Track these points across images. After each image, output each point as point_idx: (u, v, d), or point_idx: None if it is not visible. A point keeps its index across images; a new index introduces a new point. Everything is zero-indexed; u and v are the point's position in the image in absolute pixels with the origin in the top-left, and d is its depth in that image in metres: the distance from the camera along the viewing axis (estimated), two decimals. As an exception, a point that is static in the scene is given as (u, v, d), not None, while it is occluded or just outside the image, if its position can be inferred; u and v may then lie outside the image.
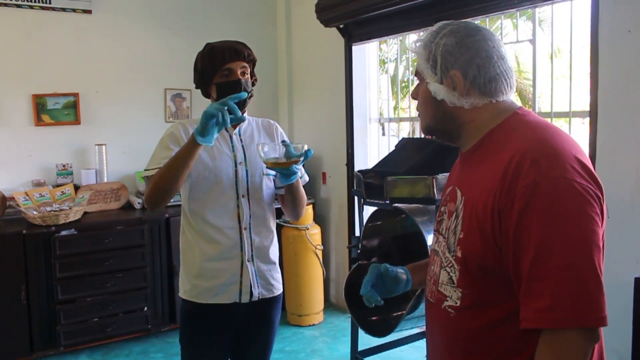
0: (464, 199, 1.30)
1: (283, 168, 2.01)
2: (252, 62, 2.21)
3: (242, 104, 2.17)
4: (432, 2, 3.62)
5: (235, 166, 2.17)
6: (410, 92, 1.50)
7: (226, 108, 1.91)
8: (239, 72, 2.14)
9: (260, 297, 2.21)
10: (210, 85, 2.18)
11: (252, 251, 2.18)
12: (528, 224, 1.13)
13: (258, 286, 2.20)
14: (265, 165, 2.06)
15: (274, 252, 2.29)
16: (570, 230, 1.11)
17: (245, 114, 2.26)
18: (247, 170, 2.18)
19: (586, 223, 1.12)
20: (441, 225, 1.39)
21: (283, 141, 2.12)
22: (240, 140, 2.23)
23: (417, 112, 1.45)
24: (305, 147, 2.00)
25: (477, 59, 1.29)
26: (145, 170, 2.17)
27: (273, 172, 2.16)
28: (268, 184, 2.24)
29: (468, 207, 1.27)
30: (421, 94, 1.40)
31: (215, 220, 2.14)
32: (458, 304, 1.29)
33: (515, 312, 1.17)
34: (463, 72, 1.30)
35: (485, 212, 1.21)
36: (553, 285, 1.10)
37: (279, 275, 2.31)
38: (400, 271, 1.58)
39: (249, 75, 2.20)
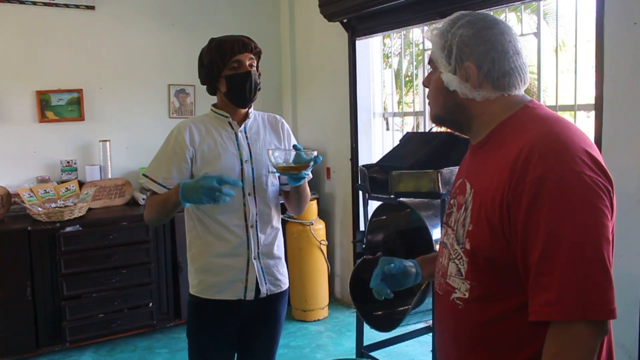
0: (473, 192, 1.30)
1: (293, 173, 2.05)
2: (258, 54, 2.21)
3: (250, 97, 2.17)
4: (435, -4, 3.61)
5: (241, 164, 2.16)
6: (422, 80, 1.49)
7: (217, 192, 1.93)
8: (247, 64, 2.14)
9: (268, 293, 2.21)
10: (219, 79, 2.16)
11: (258, 249, 2.18)
12: (536, 217, 1.13)
13: (266, 282, 2.20)
14: (271, 164, 2.08)
15: (279, 247, 2.29)
16: (579, 223, 1.11)
17: (252, 110, 2.26)
18: (252, 169, 2.17)
19: (595, 216, 1.12)
20: (450, 218, 1.39)
21: (294, 146, 2.12)
22: (246, 137, 2.21)
23: (427, 100, 1.44)
24: (315, 153, 2.05)
25: (493, 53, 1.29)
26: (145, 175, 2.19)
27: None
28: (273, 182, 2.24)
29: (477, 200, 1.27)
30: (433, 83, 1.39)
31: (222, 218, 2.14)
32: (466, 296, 1.29)
33: (524, 304, 1.17)
34: (477, 64, 1.29)
35: (494, 205, 1.20)
36: (561, 279, 1.09)
37: (285, 270, 2.32)
38: (410, 264, 1.58)
39: (256, 68, 2.20)
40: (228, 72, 2.13)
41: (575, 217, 1.11)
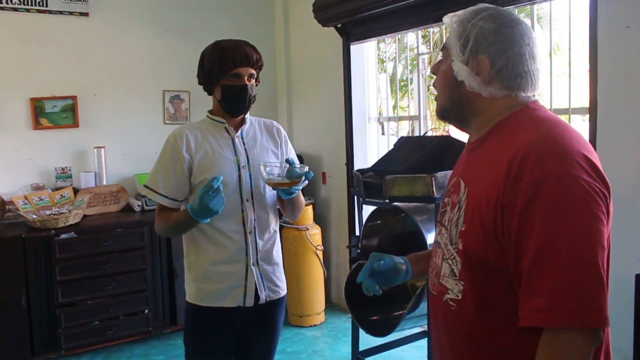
0: (467, 191, 1.28)
1: (284, 188, 2.06)
2: (260, 67, 2.20)
3: (242, 110, 2.17)
4: (429, 0, 3.61)
5: (239, 170, 2.15)
6: (431, 67, 1.46)
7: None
8: (246, 78, 2.13)
9: (267, 300, 2.20)
10: (216, 86, 2.16)
11: (257, 255, 2.17)
12: (531, 221, 1.11)
13: (265, 289, 2.19)
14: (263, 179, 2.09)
15: (277, 253, 2.29)
16: (574, 228, 1.09)
17: (248, 115, 2.25)
18: (250, 174, 2.16)
19: (591, 222, 1.10)
20: (444, 217, 1.37)
21: (287, 160, 2.12)
22: (243, 143, 2.20)
23: (434, 90, 1.42)
24: (306, 169, 2.06)
25: (509, 52, 1.27)
26: (145, 186, 2.17)
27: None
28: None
29: (471, 200, 1.26)
30: (442, 72, 1.37)
31: (220, 225, 2.12)
32: (459, 297, 1.28)
33: (517, 307, 1.15)
34: (491, 60, 1.27)
35: (488, 207, 1.19)
36: (553, 284, 1.07)
37: (283, 276, 2.31)
38: (400, 261, 1.57)
39: (254, 80, 2.18)
40: (224, 82, 2.12)
41: (570, 222, 1.09)
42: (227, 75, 2.11)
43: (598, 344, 1.11)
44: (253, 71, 2.15)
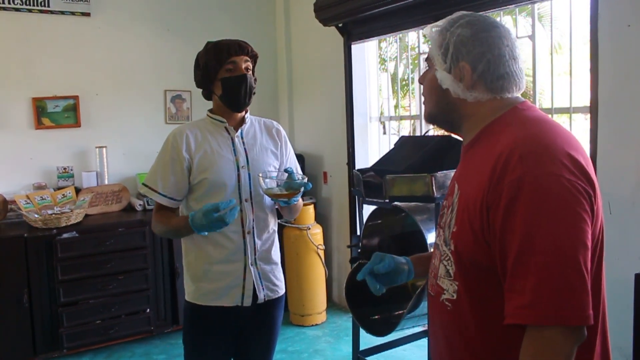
0: (459, 193, 1.30)
1: (283, 200, 2.08)
2: (254, 58, 2.21)
3: (245, 101, 2.17)
4: (430, 0, 3.61)
5: (238, 170, 2.15)
6: (418, 77, 1.50)
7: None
8: (243, 67, 2.14)
9: (266, 299, 2.21)
10: (215, 82, 2.16)
11: (255, 254, 2.18)
12: (513, 221, 1.12)
13: (263, 288, 2.19)
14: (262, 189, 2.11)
15: (275, 253, 2.29)
16: (555, 227, 1.10)
17: (248, 114, 2.26)
18: (249, 174, 2.17)
19: (572, 220, 1.11)
20: (442, 219, 1.39)
21: (286, 169, 2.13)
22: (243, 142, 2.21)
23: (423, 98, 1.45)
24: (305, 179, 2.08)
25: (489, 55, 1.29)
26: (144, 184, 2.19)
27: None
28: None
29: (462, 202, 1.28)
30: (428, 81, 1.40)
31: None
32: (454, 298, 1.29)
33: None
34: (472, 65, 1.29)
35: (475, 208, 1.20)
36: (534, 283, 1.09)
37: (281, 275, 2.31)
38: (402, 261, 1.59)
39: (252, 72, 2.19)
40: (223, 75, 2.13)
41: (551, 221, 1.10)
42: (224, 67, 2.12)
43: (581, 342, 1.12)
44: (248, 59, 2.16)
